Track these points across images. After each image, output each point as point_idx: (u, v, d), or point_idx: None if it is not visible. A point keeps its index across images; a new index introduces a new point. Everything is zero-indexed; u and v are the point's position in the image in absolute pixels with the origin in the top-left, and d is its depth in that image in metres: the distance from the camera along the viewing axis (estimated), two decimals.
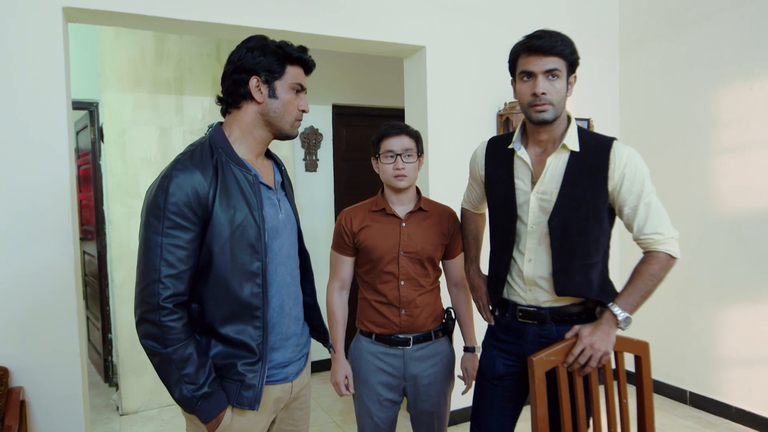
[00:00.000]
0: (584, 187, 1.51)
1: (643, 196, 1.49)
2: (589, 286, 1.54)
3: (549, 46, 1.46)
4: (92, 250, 3.86)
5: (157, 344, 1.19)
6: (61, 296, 2.23)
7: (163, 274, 1.18)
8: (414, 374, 1.82)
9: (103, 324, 3.91)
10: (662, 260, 1.49)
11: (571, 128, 1.55)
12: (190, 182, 1.21)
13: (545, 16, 3.33)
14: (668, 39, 3.35)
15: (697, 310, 3.22)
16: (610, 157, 1.50)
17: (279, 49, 1.33)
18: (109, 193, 3.35)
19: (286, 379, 1.41)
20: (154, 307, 1.18)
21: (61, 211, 2.24)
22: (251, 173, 1.31)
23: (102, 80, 3.28)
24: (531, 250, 1.58)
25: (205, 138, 1.35)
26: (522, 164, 1.61)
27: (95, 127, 3.82)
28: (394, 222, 1.82)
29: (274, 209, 1.38)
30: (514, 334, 1.65)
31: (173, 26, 2.53)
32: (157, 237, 1.19)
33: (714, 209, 3.13)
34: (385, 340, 1.82)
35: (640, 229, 1.51)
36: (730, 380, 3.08)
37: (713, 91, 3.11)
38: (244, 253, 1.27)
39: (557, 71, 1.48)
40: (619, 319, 1.47)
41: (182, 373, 1.20)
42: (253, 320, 1.28)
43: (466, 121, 3.11)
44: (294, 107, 1.36)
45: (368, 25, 2.81)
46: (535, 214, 1.56)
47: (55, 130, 2.22)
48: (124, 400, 3.37)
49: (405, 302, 1.79)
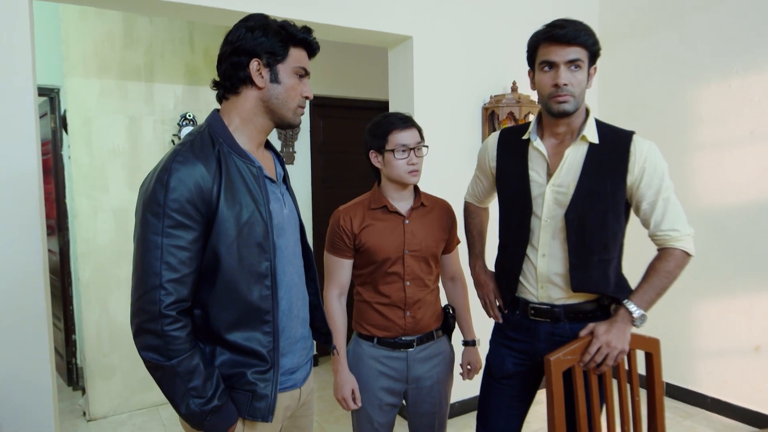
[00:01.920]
0: (603, 181, 1.47)
1: (662, 191, 1.47)
2: (606, 282, 1.51)
3: (572, 35, 1.41)
4: (53, 245, 3.63)
5: (160, 356, 1.08)
6: (29, 297, 2.06)
7: (164, 278, 1.07)
8: (417, 376, 1.75)
9: (66, 325, 3.68)
10: (678, 257, 1.48)
11: (590, 120, 1.52)
12: (192, 176, 1.10)
13: (528, 9, 3.30)
14: (647, 36, 3.39)
15: (673, 303, 3.28)
16: (630, 151, 1.47)
17: (282, 29, 1.23)
18: (73, 185, 3.14)
19: (295, 386, 1.33)
20: (155, 316, 1.07)
21: (28, 205, 2.06)
22: (255, 165, 1.21)
23: (66, 65, 3.06)
24: (545, 245, 1.54)
25: (203, 126, 1.23)
26: (537, 155, 1.56)
27: (56, 114, 3.58)
28: (396, 220, 1.72)
29: (279, 204, 1.29)
30: (525, 332, 1.61)
31: (143, 7, 2.36)
32: (156, 237, 1.07)
33: (691, 205, 3.19)
34: (388, 343, 1.73)
35: (657, 225, 1.49)
36: (705, 371, 3.16)
37: (692, 89, 3.17)
38: (252, 253, 1.17)
39: (579, 61, 1.43)
40: (634, 317, 1.45)
41: (189, 387, 1.10)
42: (262, 325, 1.19)
43: (451, 114, 3.06)
44: (297, 93, 1.26)
45: (353, 12, 2.71)
46: (550, 207, 1.52)
47: (20, 118, 2.03)
48: (91, 405, 3.18)
49: (411, 303, 1.71)
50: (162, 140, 3.34)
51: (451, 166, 3.04)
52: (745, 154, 2.94)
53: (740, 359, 3.00)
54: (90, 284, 3.15)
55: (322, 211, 4.09)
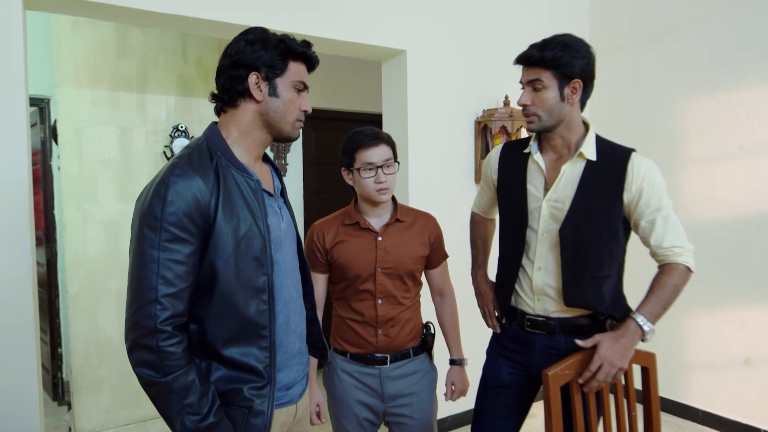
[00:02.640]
0: (599, 197, 1.48)
1: (661, 209, 1.48)
2: (600, 299, 1.51)
3: (527, 57, 1.47)
4: (41, 257, 3.57)
5: (155, 372, 1.06)
6: (16, 310, 2.02)
7: (160, 293, 1.06)
8: (393, 394, 1.72)
9: (52, 338, 3.62)
10: (682, 272, 1.49)
11: (589, 136, 1.53)
12: (190, 189, 1.09)
13: (521, 25, 3.35)
14: (636, 51, 3.44)
15: (666, 316, 3.29)
16: (627, 169, 1.48)
17: (281, 43, 1.23)
18: (63, 196, 3.10)
19: (291, 402, 1.30)
20: (150, 331, 1.05)
21: (18, 217, 2.03)
22: (253, 179, 1.21)
23: (58, 75, 3.03)
24: (540, 258, 1.55)
25: (200, 139, 1.22)
26: (536, 169, 1.58)
27: (46, 124, 3.54)
28: (369, 236, 1.69)
29: (277, 218, 1.28)
30: (521, 343, 1.61)
31: (136, 18, 2.35)
32: (153, 251, 1.06)
33: (680, 218, 3.16)
34: (361, 359, 1.71)
35: (658, 243, 1.49)
36: (697, 384, 3.17)
37: (681, 104, 3.22)
38: (250, 267, 1.16)
39: (538, 82, 1.47)
40: (645, 331, 1.44)
41: (184, 403, 1.08)
42: (259, 340, 1.17)
43: (445, 128, 3.07)
44: (295, 107, 1.25)
45: (347, 26, 2.72)
46: (546, 221, 1.53)
47: (11, 127, 2.01)
48: (77, 420, 3.11)
49: (382, 321, 1.68)
50: (154, 151, 3.31)
51: (444, 180, 3.05)
52: (734, 169, 2.98)
53: (732, 372, 3.01)
54: (79, 296, 3.10)
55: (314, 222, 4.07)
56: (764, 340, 2.87)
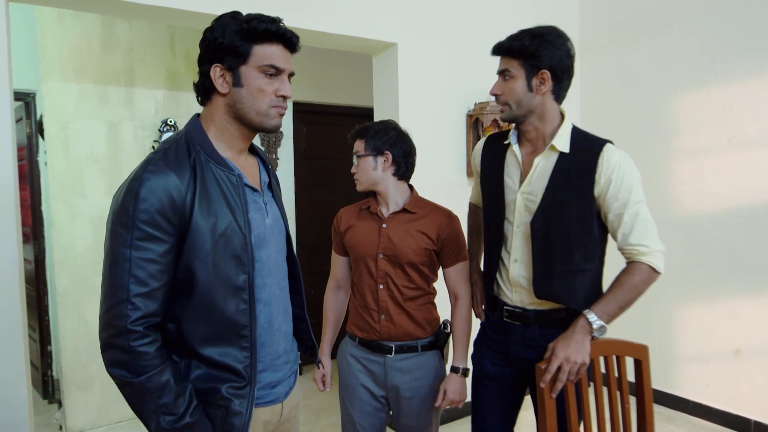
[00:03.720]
0: (569, 191, 1.48)
1: (629, 204, 1.45)
2: (572, 293, 1.50)
3: (498, 46, 1.51)
4: (28, 254, 3.52)
5: (128, 373, 1.03)
6: (5, 308, 1.99)
7: (132, 293, 1.02)
8: (395, 384, 1.73)
9: (41, 335, 3.58)
10: (644, 272, 1.46)
11: (563, 128, 1.52)
12: (164, 186, 1.05)
13: (512, 18, 3.33)
14: (627, 46, 3.44)
15: (656, 309, 3.32)
16: (598, 161, 1.46)
17: (244, 25, 1.13)
18: (50, 192, 3.05)
19: (276, 401, 1.27)
20: (121, 331, 1.02)
21: (3, 213, 2.00)
22: (234, 173, 1.16)
23: (43, 68, 2.98)
24: (516, 250, 1.57)
25: (180, 133, 1.18)
26: (513, 161, 1.59)
27: (32, 119, 3.48)
28: (376, 222, 1.75)
29: (260, 214, 1.23)
30: (501, 333, 1.64)
31: (122, 10, 2.31)
32: (125, 250, 1.03)
33: (671, 211, 3.24)
34: (367, 345, 1.75)
35: (624, 238, 1.47)
36: (687, 376, 3.20)
37: (671, 97, 3.22)
38: (229, 266, 1.12)
39: (507, 71, 1.51)
40: (594, 327, 1.43)
41: (159, 403, 1.05)
42: (239, 340, 1.14)
43: (436, 121, 3.06)
44: (266, 94, 1.15)
45: (338, 19, 2.70)
46: (521, 213, 1.55)
47: None
48: (68, 419, 3.08)
49: (384, 307, 1.70)
50: (142, 146, 3.27)
51: (436, 173, 3.03)
52: (724, 162, 2.99)
53: (722, 363, 3.04)
54: (67, 293, 3.06)
55: (305, 217, 4.05)
56: (754, 332, 2.90)
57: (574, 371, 1.41)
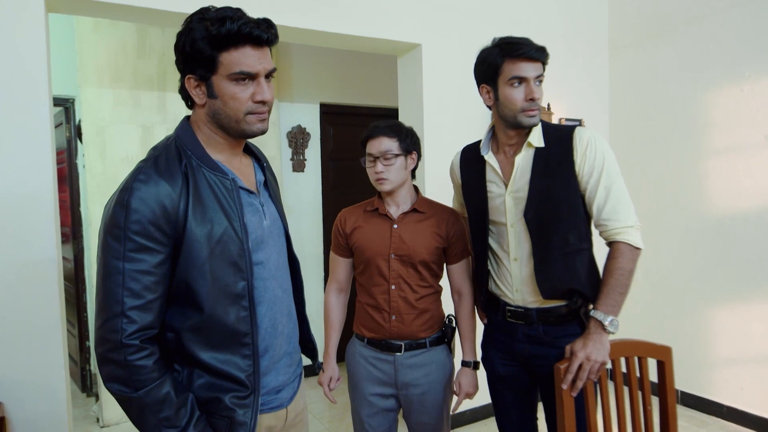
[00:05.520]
0: (553, 177, 1.52)
1: (602, 179, 1.49)
2: (574, 275, 1.53)
3: (536, 53, 1.50)
4: (68, 253, 3.68)
5: (126, 387, 1.01)
6: (44, 304, 2.09)
7: (127, 306, 0.99)
8: (406, 382, 1.74)
9: (80, 331, 3.72)
10: (625, 252, 1.47)
11: (536, 126, 1.57)
12: (155, 195, 1.02)
13: (536, 17, 3.31)
14: (658, 41, 3.37)
15: (689, 311, 3.24)
16: (573, 143, 1.52)
17: (209, 27, 1.06)
18: (88, 193, 3.18)
19: (281, 406, 1.24)
20: (117, 346, 0.99)
21: (44, 213, 2.09)
22: (228, 177, 1.12)
23: (81, 75, 3.11)
24: (515, 249, 1.60)
25: (170, 138, 1.14)
26: (491, 170, 1.63)
27: (71, 124, 3.63)
28: (386, 223, 1.75)
29: (258, 216, 1.19)
30: (506, 333, 1.66)
31: (156, 18, 2.40)
32: (118, 262, 1.00)
33: (705, 211, 3.16)
34: (377, 344, 1.76)
35: (598, 213, 1.51)
36: (721, 379, 3.11)
37: (703, 94, 3.14)
38: (227, 273, 1.08)
39: (542, 77, 1.53)
40: (605, 324, 1.45)
41: (160, 417, 1.02)
42: (241, 348, 1.11)
43: (461, 121, 3.06)
44: (241, 102, 1.09)
45: (363, 21, 2.73)
46: (512, 212, 1.58)
47: (36, 127, 2.07)
48: (105, 411, 3.21)
49: (395, 307, 1.71)
50: None
51: None
52: (758, 159, 2.90)
53: (757, 367, 2.95)
54: None
55: (332, 218, 4.10)
56: None
57: (594, 370, 1.42)
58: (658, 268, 3.37)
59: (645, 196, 3.39)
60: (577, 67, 3.54)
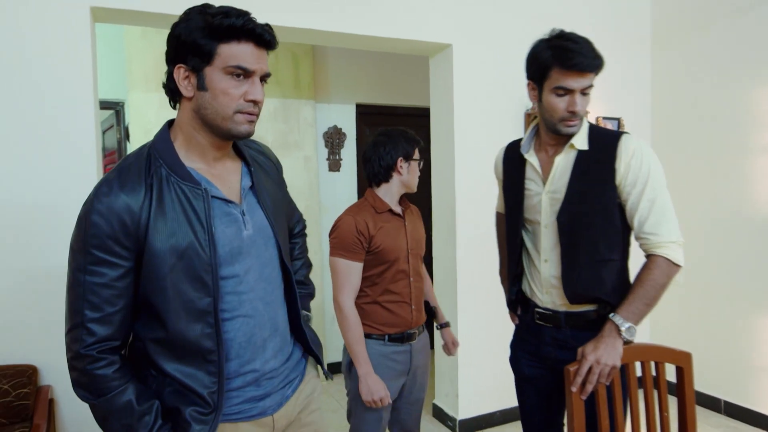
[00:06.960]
0: (592, 182, 1.49)
1: (647, 191, 1.44)
2: (599, 284, 1.50)
3: (590, 65, 1.43)
4: None
5: (89, 394, 1.03)
6: None
7: (87, 318, 1.00)
8: (416, 365, 1.90)
9: None
10: (662, 266, 1.43)
11: (582, 127, 1.53)
12: (115, 209, 1.00)
13: (576, 11, 3.24)
14: (702, 34, 3.24)
15: (734, 317, 3.10)
16: (617, 150, 1.47)
17: (207, 20, 1.03)
18: None
19: (264, 414, 1.18)
20: (76, 355, 1.02)
21: None
22: (200, 187, 1.07)
23: (129, 80, 3.29)
24: (546, 251, 1.58)
25: (146, 145, 1.12)
26: (532, 168, 1.62)
27: (122, 126, 3.85)
28: (399, 221, 1.88)
29: (235, 226, 1.12)
30: (534, 335, 1.65)
31: None
32: (79, 275, 1.01)
33: (751, 212, 3.01)
34: (397, 338, 1.85)
35: (640, 226, 1.46)
36: (766, 389, 2.96)
37: (750, 89, 3.00)
38: (189, 288, 1.05)
39: (590, 88, 1.47)
40: (622, 330, 1.41)
41: (122, 423, 1.04)
42: (206, 364, 1.08)
43: (492, 120, 3.05)
44: (232, 98, 1.05)
45: (393, 22, 2.76)
46: (547, 213, 1.56)
47: (82, 130, 2.22)
48: None
49: (415, 298, 1.88)
50: None
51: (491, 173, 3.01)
52: None
53: None
54: None
55: None
56: None
57: (605, 373, 1.40)
58: (702, 271, 3.23)
59: (686, 197, 3.26)
60: (617, 61, 3.43)
